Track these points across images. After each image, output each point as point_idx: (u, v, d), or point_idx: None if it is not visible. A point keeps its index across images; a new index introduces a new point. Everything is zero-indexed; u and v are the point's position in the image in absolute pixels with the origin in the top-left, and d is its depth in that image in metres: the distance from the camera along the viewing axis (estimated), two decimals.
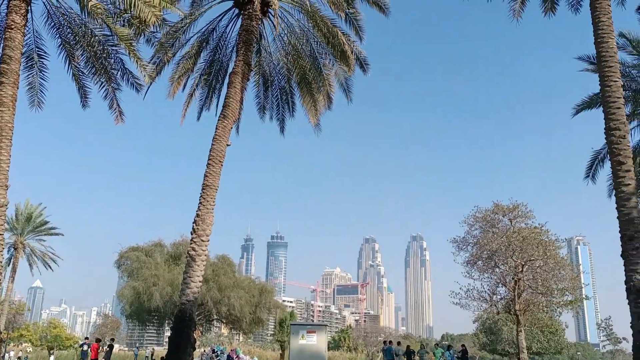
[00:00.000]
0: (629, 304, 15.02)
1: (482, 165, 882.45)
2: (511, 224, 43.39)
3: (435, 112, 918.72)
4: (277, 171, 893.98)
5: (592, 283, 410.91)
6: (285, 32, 22.45)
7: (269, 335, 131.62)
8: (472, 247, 44.15)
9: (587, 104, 28.68)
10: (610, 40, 16.84)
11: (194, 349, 18.54)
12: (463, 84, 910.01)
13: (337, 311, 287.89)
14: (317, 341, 22.09)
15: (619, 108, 16.38)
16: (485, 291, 44.00)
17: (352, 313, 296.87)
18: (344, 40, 20.61)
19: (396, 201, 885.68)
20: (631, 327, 14.92)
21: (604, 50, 16.74)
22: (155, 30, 19.86)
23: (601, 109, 17.15)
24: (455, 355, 29.99)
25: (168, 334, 26.98)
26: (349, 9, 20.48)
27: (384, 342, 42.20)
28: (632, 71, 28.81)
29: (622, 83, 26.42)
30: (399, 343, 38.38)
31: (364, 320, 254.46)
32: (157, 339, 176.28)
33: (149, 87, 20.73)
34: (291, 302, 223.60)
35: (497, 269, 43.14)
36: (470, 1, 22.56)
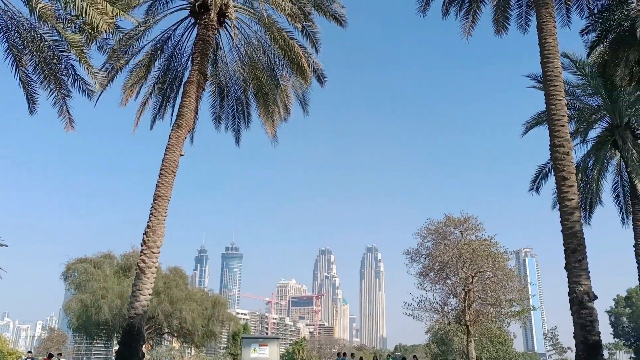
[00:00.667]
0: (572, 314, 15.60)
1: (435, 178, 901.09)
2: (462, 236, 44.36)
3: (391, 126, 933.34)
4: (233, 182, 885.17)
5: (539, 294, 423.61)
6: (242, 43, 22.42)
7: (221, 348, 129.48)
8: (424, 258, 44.85)
9: (536, 121, 29.80)
10: (555, 60, 17.58)
11: None
12: (418, 98, 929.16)
13: (291, 323, 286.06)
14: (269, 354, 21.91)
15: (563, 126, 17.09)
16: (437, 302, 44.70)
17: (307, 325, 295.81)
18: (300, 52, 20.76)
19: (352, 212, 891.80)
20: (574, 337, 15.49)
21: (549, 70, 17.46)
22: (107, 37, 19.48)
23: (547, 126, 17.84)
24: None
25: (117, 348, 26.20)
26: (305, 22, 20.66)
27: (338, 353, 42.27)
28: (577, 90, 30.13)
29: (567, 102, 27.61)
30: (352, 355, 38.51)
31: (319, 332, 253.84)
32: (106, 354, 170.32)
33: (100, 95, 20.31)
34: (245, 314, 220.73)
35: (448, 280, 43.93)
36: (427, 17, 23.10)
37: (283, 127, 24.12)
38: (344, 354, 38.44)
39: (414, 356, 37.57)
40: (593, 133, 30.84)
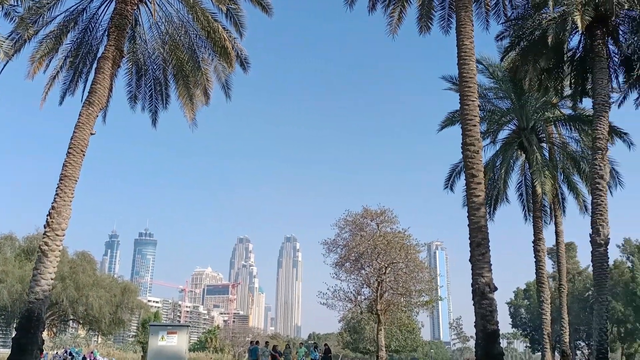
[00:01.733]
0: (473, 305, 16.44)
1: (355, 170, 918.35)
2: (378, 228, 45.56)
3: (313, 120, 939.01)
4: (149, 166, 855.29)
5: (446, 285, 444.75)
6: (163, 21, 21.56)
7: (130, 336, 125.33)
8: (341, 249, 45.69)
9: (450, 121, 31.04)
10: (471, 62, 18.30)
11: (42, 350, 17.09)
12: (343, 93, 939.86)
13: (205, 312, 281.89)
14: (177, 342, 21.40)
15: (475, 126, 17.88)
16: (351, 292, 45.74)
17: (221, 313, 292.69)
18: (224, 35, 20.27)
19: (273, 202, 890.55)
20: (475, 326, 16.34)
21: (464, 72, 18.16)
22: (15, 4, 18.13)
23: (460, 125, 18.58)
24: (319, 355, 30.79)
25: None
26: (230, 4, 20.17)
27: (251, 342, 42.15)
28: (489, 93, 31.73)
29: (479, 103, 28.90)
30: (266, 343, 38.51)
31: (233, 321, 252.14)
32: (4, 341, 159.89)
33: (5, 65, 18.79)
34: (157, 302, 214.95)
35: (363, 271, 45.03)
36: (354, 11, 23.30)
37: (205, 112, 23.59)
38: (257, 342, 38.33)
39: (325, 344, 38.21)
40: (502, 134, 32.69)
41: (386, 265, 43.60)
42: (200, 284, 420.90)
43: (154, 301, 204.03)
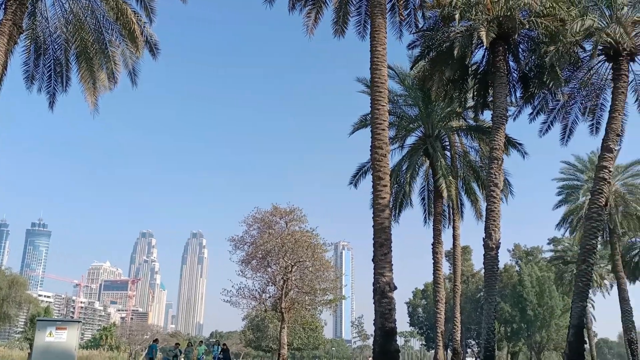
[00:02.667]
0: (374, 303, 16.90)
1: (265, 167, 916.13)
2: (287, 226, 45.65)
3: (224, 115, 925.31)
4: (44, 153, 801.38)
5: (351, 285, 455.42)
6: None
7: (17, 332, 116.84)
8: (248, 246, 45.31)
9: (362, 124, 31.68)
10: (382, 68, 18.81)
11: None
12: (259, 86, 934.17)
13: (101, 308, 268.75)
14: (67, 338, 20.10)
15: (384, 130, 18.39)
16: (256, 289, 45.48)
17: (119, 310, 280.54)
18: (133, 18, 19.35)
19: (178, 196, 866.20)
20: (373, 324, 16.80)
21: (376, 77, 18.63)
22: None
23: (370, 128, 19.02)
24: (219, 355, 30.32)
25: None
26: None
27: (154, 340, 40.83)
28: (399, 100, 32.78)
29: (390, 108, 29.74)
30: (177, 344, 37.50)
31: (131, 318, 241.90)
32: None
33: None
34: (49, 297, 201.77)
35: (269, 269, 44.90)
36: (274, 8, 23.12)
37: (109, 98, 22.39)
38: (156, 340, 37.13)
39: (224, 344, 37.78)
40: (410, 140, 33.87)
41: (293, 264, 43.78)
42: (98, 279, 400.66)
43: (45, 296, 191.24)
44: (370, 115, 19.11)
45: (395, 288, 16.92)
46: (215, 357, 27.59)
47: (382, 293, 16.62)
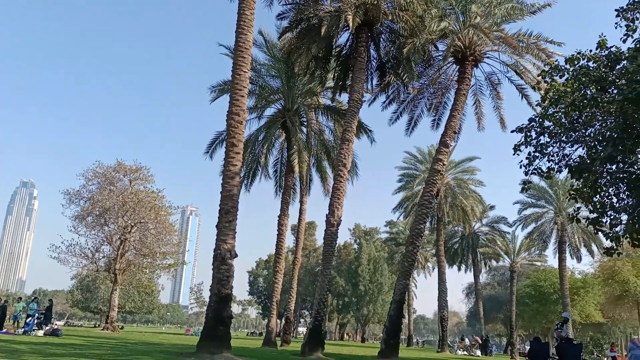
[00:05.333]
0: (212, 269, 16.72)
1: (117, 123, 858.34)
2: (130, 185, 43.51)
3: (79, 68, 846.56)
4: None
5: (195, 250, 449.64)
6: None
7: None
8: (85, 201, 42.49)
9: (222, 88, 30.87)
10: (248, 33, 18.35)
11: None
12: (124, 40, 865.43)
13: None
14: None
15: (243, 96, 18.05)
16: (89, 248, 42.96)
17: None
18: None
19: (5, 140, 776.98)
20: (210, 289, 16.67)
21: (241, 41, 18.15)
22: None
23: (230, 94, 18.55)
24: (41, 312, 27.94)
25: None
26: None
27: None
28: (262, 69, 32.51)
29: (252, 77, 29.40)
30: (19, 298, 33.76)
31: None
32: None
33: None
34: None
35: (106, 227, 42.60)
36: None
37: None
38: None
39: (50, 300, 35.11)
40: (269, 112, 33.88)
41: (133, 224, 41.96)
42: None
43: None
44: (231, 81, 18.61)
45: (236, 256, 16.91)
46: (33, 314, 25.36)
47: (222, 260, 16.51)
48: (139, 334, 44.05)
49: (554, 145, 14.02)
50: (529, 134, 14.19)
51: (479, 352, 43.18)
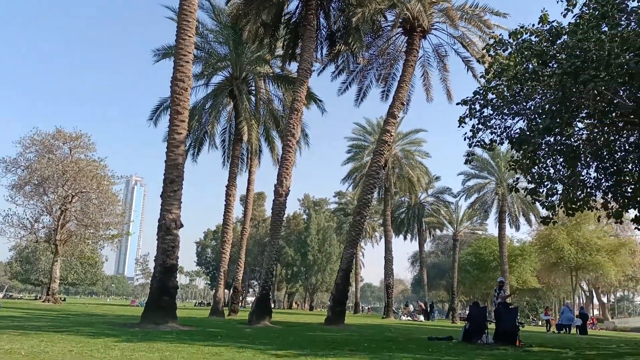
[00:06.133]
0: (157, 239, 16.43)
1: (55, 89, 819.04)
2: (70, 153, 41.97)
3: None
4: None
5: (140, 221, 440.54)
6: None
7: None
8: (22, 170, 40.77)
9: (167, 53, 29.84)
10: None
11: None
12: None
13: None
14: None
15: (187, 62, 17.52)
16: (27, 218, 41.44)
17: None
18: None
19: None
20: (154, 260, 16.40)
21: (185, 5, 17.53)
22: None
23: (173, 59, 17.94)
24: None
25: None
26: None
27: None
28: (210, 35, 31.62)
29: (198, 42, 28.54)
30: None
31: None
32: None
33: None
34: None
35: (45, 197, 41.11)
36: None
37: None
38: None
39: None
40: (216, 79, 33.13)
41: (74, 194, 40.62)
42: None
43: None
44: (175, 46, 17.99)
45: (182, 226, 16.65)
46: None
47: (167, 230, 16.23)
48: (82, 305, 43.07)
49: (497, 117, 14.37)
50: (473, 106, 14.48)
51: (422, 317, 44.71)
